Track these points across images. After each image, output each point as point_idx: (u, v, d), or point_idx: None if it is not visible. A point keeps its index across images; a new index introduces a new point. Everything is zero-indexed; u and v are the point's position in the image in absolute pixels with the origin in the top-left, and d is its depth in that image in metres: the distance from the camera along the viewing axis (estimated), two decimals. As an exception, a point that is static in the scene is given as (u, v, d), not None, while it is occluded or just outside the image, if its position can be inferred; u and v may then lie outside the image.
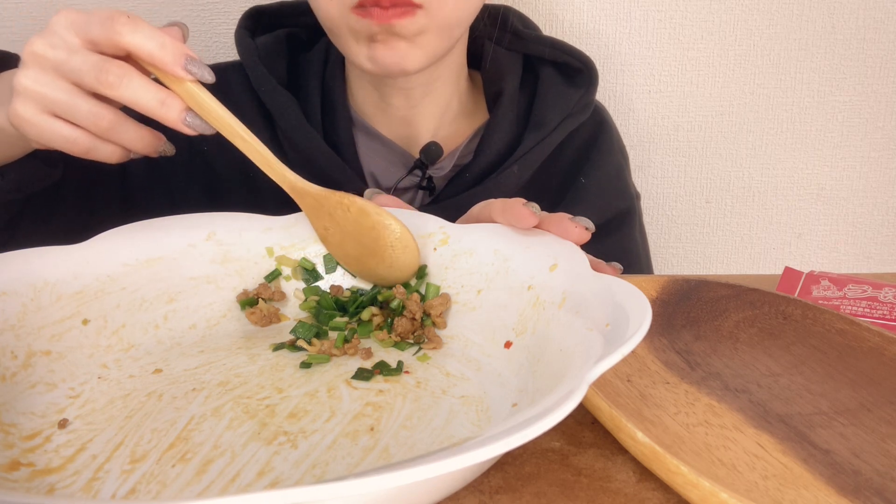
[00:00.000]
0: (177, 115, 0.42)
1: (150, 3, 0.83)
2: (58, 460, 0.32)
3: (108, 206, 0.66)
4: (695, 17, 0.87)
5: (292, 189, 0.46)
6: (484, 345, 0.41)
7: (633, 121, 0.91)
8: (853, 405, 0.36)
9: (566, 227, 0.41)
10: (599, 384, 0.35)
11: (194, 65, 0.41)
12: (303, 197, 0.46)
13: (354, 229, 0.45)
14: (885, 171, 0.94)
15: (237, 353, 0.42)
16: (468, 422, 0.35)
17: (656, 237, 0.96)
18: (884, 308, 0.49)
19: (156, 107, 0.41)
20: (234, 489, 0.30)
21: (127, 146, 0.44)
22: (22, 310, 0.39)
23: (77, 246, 0.43)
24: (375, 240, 0.45)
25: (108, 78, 0.40)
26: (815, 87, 0.90)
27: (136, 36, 0.41)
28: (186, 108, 0.42)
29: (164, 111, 0.41)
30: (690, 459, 0.31)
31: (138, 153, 0.44)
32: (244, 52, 0.67)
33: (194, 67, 0.41)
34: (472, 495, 0.31)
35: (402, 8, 0.54)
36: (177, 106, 0.42)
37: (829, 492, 0.30)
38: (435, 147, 0.65)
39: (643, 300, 0.32)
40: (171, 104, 0.41)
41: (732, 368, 0.40)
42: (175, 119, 0.42)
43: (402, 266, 0.45)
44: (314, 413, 0.36)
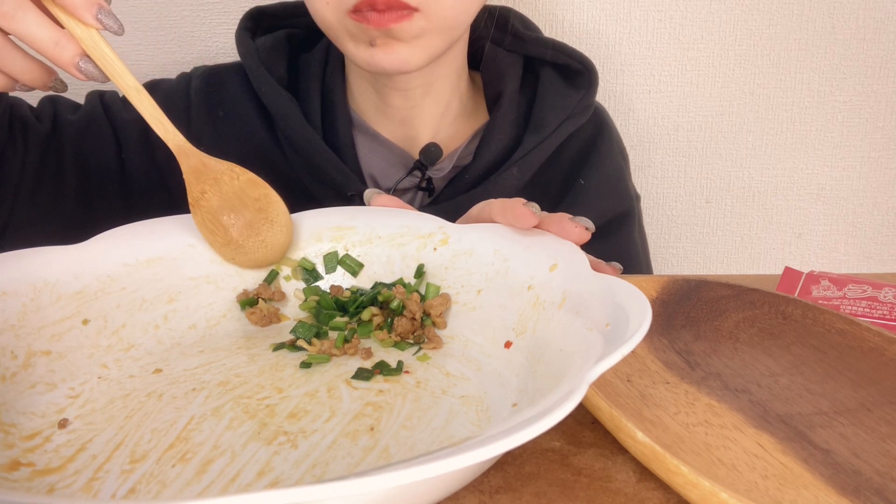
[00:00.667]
0: (70, 57, 0.41)
1: (151, 3, 0.83)
2: (58, 460, 0.32)
3: (107, 205, 0.66)
4: (695, 17, 0.87)
5: (179, 148, 0.46)
6: (484, 345, 0.41)
7: (633, 121, 0.91)
8: (853, 405, 0.36)
9: (566, 227, 0.41)
10: (599, 384, 0.35)
11: (105, 14, 0.41)
12: (188, 156, 0.46)
13: (237, 197, 0.46)
14: (885, 171, 0.94)
15: (237, 353, 0.42)
16: (468, 422, 0.35)
17: (656, 237, 0.96)
18: (884, 308, 0.49)
19: (49, 46, 0.40)
20: (234, 489, 0.30)
21: (12, 75, 0.43)
22: (22, 310, 0.39)
23: (77, 246, 0.43)
24: (258, 211, 0.46)
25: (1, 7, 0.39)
26: (815, 87, 0.90)
27: None
28: (82, 52, 0.41)
29: (58, 51, 0.40)
30: (690, 459, 0.31)
31: (26, 85, 0.43)
32: (244, 52, 0.67)
33: (105, 17, 0.41)
34: (472, 495, 0.31)
35: (399, 12, 0.54)
36: (71, 48, 0.41)
37: (829, 492, 0.30)
38: (434, 148, 0.65)
39: (643, 300, 0.32)
40: (65, 45, 0.41)
41: (732, 368, 0.40)
42: (67, 61, 0.41)
43: (274, 244, 0.46)
44: (314, 413, 0.36)
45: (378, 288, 0.46)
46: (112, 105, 0.67)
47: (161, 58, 0.85)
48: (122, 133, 0.67)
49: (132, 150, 0.66)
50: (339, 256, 0.48)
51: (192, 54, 0.85)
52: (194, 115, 0.68)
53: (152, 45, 0.85)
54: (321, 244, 0.48)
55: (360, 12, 0.54)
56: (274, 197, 0.47)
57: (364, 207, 0.49)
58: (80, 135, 0.65)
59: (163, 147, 0.67)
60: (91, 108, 0.66)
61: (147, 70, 0.85)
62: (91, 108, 0.66)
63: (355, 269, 0.47)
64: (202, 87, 0.69)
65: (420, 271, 0.45)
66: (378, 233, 0.47)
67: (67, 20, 0.41)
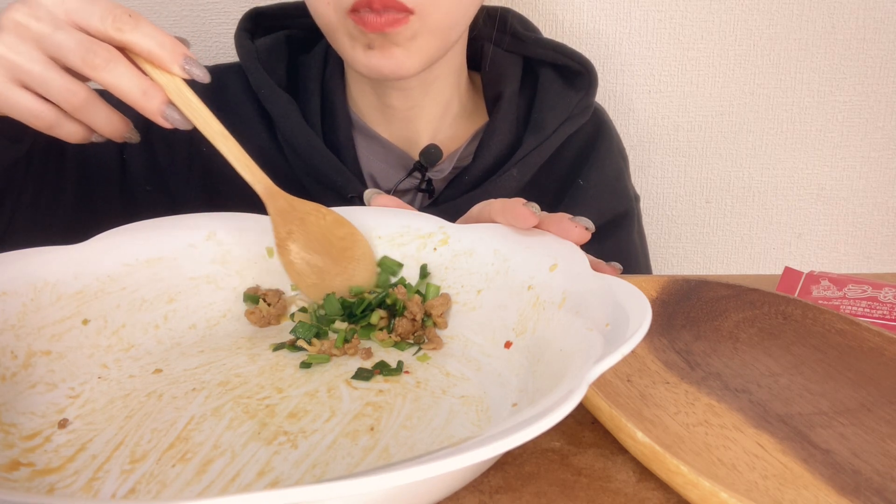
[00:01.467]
0: (157, 106, 0.42)
1: (151, 3, 0.83)
2: (58, 460, 0.32)
3: (108, 205, 0.66)
4: (695, 17, 0.87)
5: (266, 191, 0.46)
6: (484, 345, 0.41)
7: (633, 121, 0.91)
8: (853, 405, 0.36)
9: (566, 227, 0.41)
10: (599, 384, 0.35)
11: (191, 63, 0.42)
12: (276, 198, 0.46)
13: (323, 236, 0.46)
14: (885, 171, 0.94)
15: (237, 353, 0.42)
16: (468, 422, 0.35)
17: (656, 237, 0.96)
18: (884, 308, 0.49)
19: (137, 95, 0.41)
20: (234, 489, 0.30)
21: (94, 127, 0.43)
22: (22, 310, 0.39)
23: (77, 246, 0.43)
24: (343, 250, 0.46)
25: (94, 59, 0.40)
26: (815, 87, 0.90)
27: (136, 34, 0.41)
28: (167, 100, 0.42)
29: (145, 101, 0.41)
30: (690, 459, 0.31)
31: (102, 137, 0.44)
32: (244, 53, 0.67)
33: (190, 66, 0.42)
34: (472, 495, 0.31)
35: (395, 15, 0.54)
36: (158, 97, 0.42)
37: (829, 492, 0.30)
38: (434, 149, 0.65)
39: (643, 300, 0.32)
40: (152, 94, 0.42)
41: (732, 368, 0.40)
42: (154, 110, 0.42)
43: (360, 282, 0.46)
44: (314, 413, 0.36)
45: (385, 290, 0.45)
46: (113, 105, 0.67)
47: (161, 58, 0.85)
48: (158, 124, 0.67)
49: (134, 150, 0.66)
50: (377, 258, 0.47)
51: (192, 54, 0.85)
52: None
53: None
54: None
55: (358, 12, 0.54)
56: (359, 236, 0.47)
57: (364, 207, 0.49)
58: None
59: (164, 147, 0.67)
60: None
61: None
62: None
63: (395, 269, 0.47)
64: (203, 89, 0.69)
65: (424, 272, 0.45)
66: (378, 233, 0.47)
67: (152, 70, 0.42)
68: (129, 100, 0.41)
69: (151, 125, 0.68)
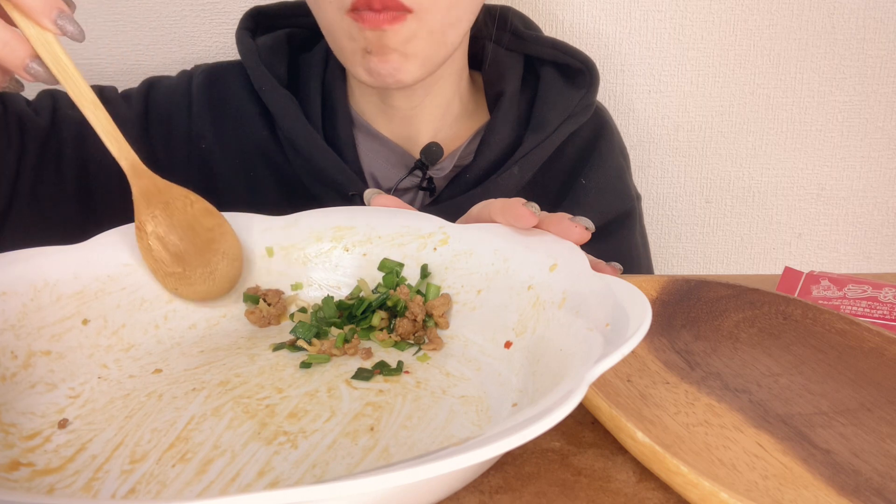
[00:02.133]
0: (20, 59, 0.39)
1: (151, 3, 0.83)
2: (58, 460, 0.32)
3: (108, 205, 0.66)
4: (695, 17, 0.87)
5: (132, 167, 0.43)
6: (484, 345, 0.41)
7: (633, 121, 0.91)
8: (853, 405, 0.36)
9: (566, 227, 0.41)
10: (599, 384, 0.35)
11: (65, 19, 0.39)
12: (140, 177, 0.44)
13: (188, 225, 0.44)
14: (885, 171, 0.94)
15: (237, 353, 0.42)
16: (468, 422, 0.35)
17: (656, 237, 0.96)
18: (884, 308, 0.49)
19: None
20: (234, 489, 0.30)
21: None
22: (22, 310, 0.39)
23: (77, 246, 0.43)
24: (209, 241, 0.44)
25: None
26: (815, 87, 0.90)
27: None
28: (33, 54, 0.39)
29: (6, 52, 0.39)
30: (690, 459, 0.31)
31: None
32: (245, 52, 0.67)
33: (65, 21, 0.39)
34: (472, 495, 0.31)
35: (393, 13, 0.54)
36: (22, 50, 0.39)
37: (829, 492, 0.30)
38: (436, 148, 0.65)
39: (643, 300, 0.32)
40: (15, 46, 0.39)
41: (732, 368, 0.40)
42: (17, 63, 0.39)
43: (221, 278, 0.45)
44: (314, 413, 0.36)
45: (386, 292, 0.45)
46: (112, 100, 0.67)
47: (161, 58, 0.85)
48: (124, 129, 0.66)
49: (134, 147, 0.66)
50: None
51: (192, 54, 0.85)
52: (196, 113, 0.68)
53: (152, 45, 0.85)
54: (321, 244, 0.48)
55: (358, 11, 0.54)
56: (228, 229, 0.45)
57: (364, 207, 0.49)
58: (81, 131, 0.64)
59: (164, 145, 0.67)
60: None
61: (147, 70, 0.85)
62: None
63: (396, 269, 0.46)
64: (204, 85, 0.69)
65: (425, 272, 0.45)
66: (378, 233, 0.47)
67: (22, 21, 0.39)
68: None
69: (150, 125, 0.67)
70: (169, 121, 0.67)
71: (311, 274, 0.48)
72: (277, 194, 0.67)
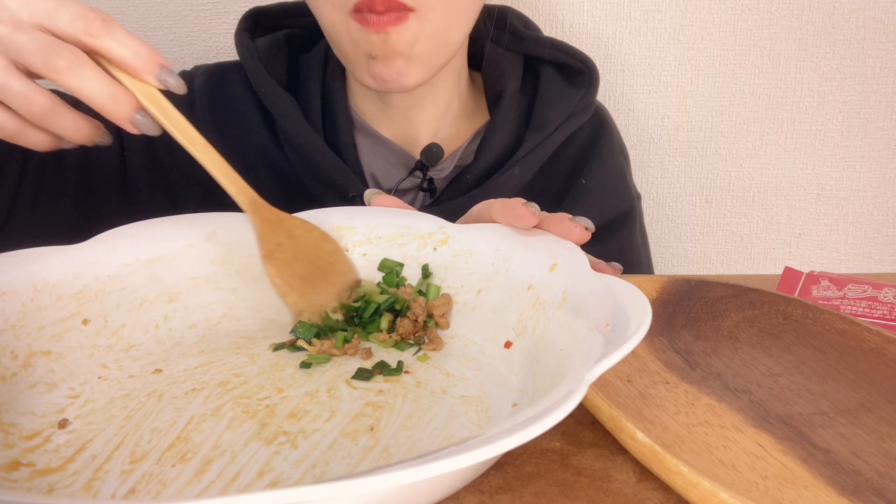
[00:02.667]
0: (126, 113, 0.40)
1: (151, 3, 0.83)
2: (58, 460, 0.32)
3: (108, 205, 0.66)
4: (695, 17, 0.87)
5: (252, 203, 0.44)
6: (484, 345, 0.41)
7: (633, 121, 0.91)
8: (853, 405, 0.36)
9: (566, 227, 0.41)
10: (599, 384, 0.35)
11: (167, 73, 0.40)
12: (261, 210, 0.45)
13: (311, 251, 0.45)
14: (885, 171, 0.94)
15: (237, 353, 0.42)
16: (468, 422, 0.35)
17: (656, 237, 0.96)
18: (884, 308, 0.49)
19: (105, 101, 0.39)
20: (234, 489, 0.30)
21: (60, 134, 0.41)
22: (22, 310, 0.39)
23: (77, 246, 0.43)
24: (331, 264, 0.45)
25: (57, 62, 0.38)
26: (815, 87, 0.90)
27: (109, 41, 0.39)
28: (137, 106, 0.40)
29: (113, 107, 0.39)
30: (690, 459, 0.31)
31: (71, 143, 0.42)
32: (244, 53, 0.67)
33: (166, 76, 0.40)
34: (472, 495, 0.31)
35: (397, 13, 0.54)
36: (127, 103, 0.40)
37: (829, 492, 0.30)
38: (436, 149, 0.65)
39: (643, 300, 0.32)
40: (121, 100, 0.39)
41: (732, 368, 0.40)
42: (123, 117, 0.40)
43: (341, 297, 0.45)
44: (314, 413, 0.36)
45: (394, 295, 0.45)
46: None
47: (161, 58, 0.85)
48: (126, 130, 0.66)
49: (135, 147, 0.66)
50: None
51: (193, 54, 0.85)
52: (198, 114, 0.67)
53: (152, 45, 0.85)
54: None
55: (361, 12, 0.54)
56: (342, 252, 0.47)
57: (364, 207, 0.49)
58: None
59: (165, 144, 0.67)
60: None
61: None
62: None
63: (396, 269, 0.46)
64: (206, 87, 0.68)
65: (426, 272, 0.45)
66: (378, 233, 0.47)
67: (122, 75, 0.40)
68: (96, 105, 0.39)
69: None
70: None
71: (311, 274, 0.48)
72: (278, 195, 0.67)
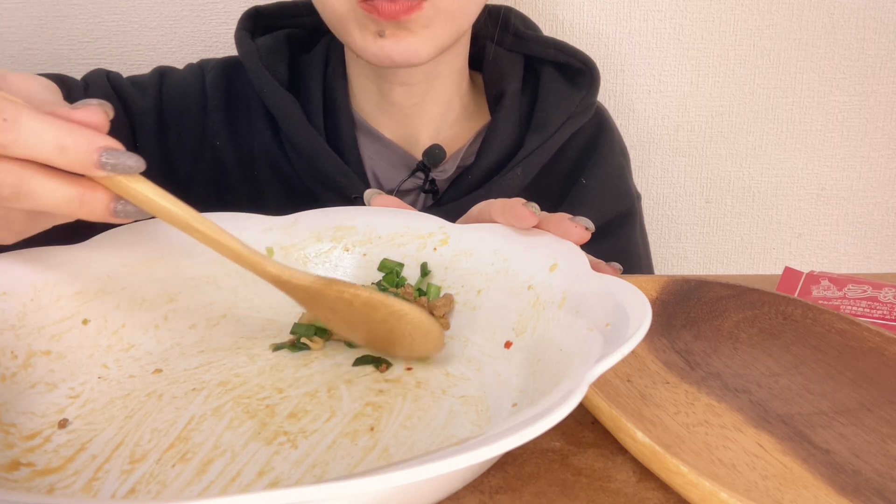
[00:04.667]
0: (103, 210, 0.34)
1: (151, 3, 0.83)
2: (58, 460, 0.32)
3: None
4: (695, 17, 0.87)
5: (277, 282, 0.38)
6: (484, 345, 0.41)
7: (633, 121, 0.91)
8: (853, 405, 0.36)
9: (566, 227, 0.41)
10: (599, 384, 0.35)
11: (113, 156, 0.32)
12: (293, 291, 0.39)
13: (362, 321, 0.39)
14: (885, 171, 0.94)
15: (237, 353, 0.42)
16: (468, 422, 0.35)
17: (656, 237, 0.96)
18: (884, 308, 0.49)
19: (76, 208, 0.33)
20: (234, 489, 0.30)
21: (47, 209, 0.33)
22: (22, 310, 0.39)
23: (77, 246, 0.43)
24: (390, 331, 0.39)
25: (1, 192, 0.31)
26: (815, 87, 0.90)
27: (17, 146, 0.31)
28: (113, 197, 0.34)
29: (87, 210, 0.33)
30: (690, 459, 0.31)
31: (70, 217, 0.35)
32: (244, 53, 0.67)
33: (112, 159, 0.32)
34: (472, 495, 0.31)
35: (409, 2, 0.54)
36: (100, 200, 0.34)
37: (829, 492, 0.30)
38: (438, 150, 0.65)
39: (643, 300, 0.32)
40: (91, 199, 0.33)
41: (732, 368, 0.40)
42: (102, 214, 0.34)
43: (425, 349, 0.40)
44: (314, 413, 0.36)
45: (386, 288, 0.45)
46: (123, 89, 0.65)
47: (161, 58, 0.85)
48: (138, 120, 0.65)
49: (147, 139, 0.65)
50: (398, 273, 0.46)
51: (193, 54, 0.85)
52: (211, 110, 0.67)
53: (152, 45, 0.85)
54: (321, 244, 0.48)
55: (370, 2, 0.54)
56: (400, 310, 0.38)
57: (364, 207, 0.49)
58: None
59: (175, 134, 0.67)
60: (103, 93, 0.64)
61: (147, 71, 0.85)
62: (103, 93, 0.64)
63: (396, 269, 0.46)
64: (218, 81, 0.68)
65: (425, 270, 0.45)
66: (378, 233, 0.47)
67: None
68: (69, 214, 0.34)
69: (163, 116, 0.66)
70: (183, 115, 0.67)
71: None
72: (279, 195, 0.67)
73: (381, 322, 0.38)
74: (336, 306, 0.39)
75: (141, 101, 0.65)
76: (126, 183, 0.33)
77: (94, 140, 0.32)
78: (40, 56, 0.84)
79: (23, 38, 0.83)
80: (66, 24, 0.83)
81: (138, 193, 0.34)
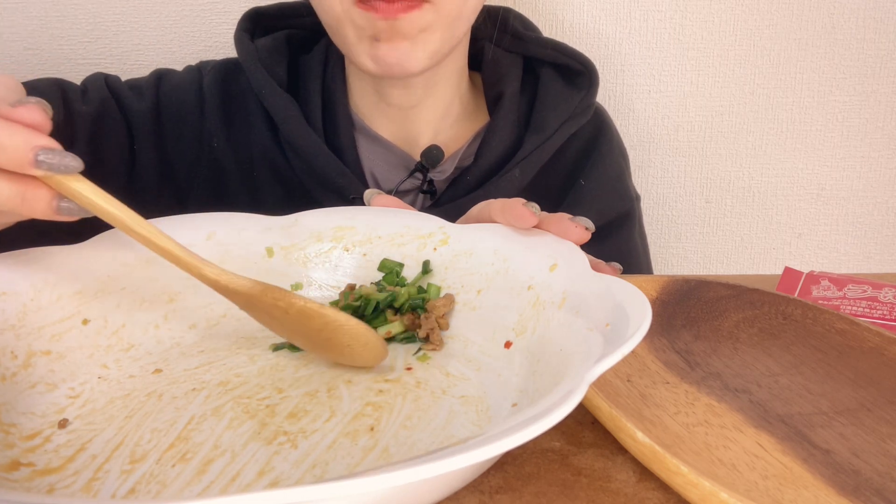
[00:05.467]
0: (45, 207, 0.34)
1: (151, 3, 0.83)
2: (58, 460, 0.32)
3: None
4: (695, 17, 0.87)
5: (215, 286, 0.39)
6: (484, 345, 0.41)
7: (633, 121, 0.91)
8: (853, 405, 0.36)
9: (566, 227, 0.41)
10: (599, 384, 0.35)
11: (50, 155, 0.33)
12: (231, 296, 0.39)
13: (299, 329, 0.39)
14: (885, 171, 0.94)
15: (237, 353, 0.42)
16: (468, 422, 0.35)
17: (656, 237, 0.96)
18: (884, 308, 0.49)
19: (19, 205, 0.34)
20: (234, 489, 0.30)
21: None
22: (22, 310, 0.39)
23: (77, 246, 0.43)
24: (327, 340, 0.39)
25: None
26: (815, 87, 0.90)
27: None
28: (55, 195, 0.34)
29: (29, 207, 0.34)
30: (690, 459, 0.31)
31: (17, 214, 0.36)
32: (244, 54, 0.66)
33: (50, 158, 0.33)
34: (472, 495, 0.31)
35: (409, 1, 0.53)
36: (43, 198, 0.34)
37: (829, 492, 0.30)
38: (436, 150, 0.65)
39: (643, 300, 0.32)
40: (34, 196, 0.34)
41: (732, 368, 0.40)
42: (45, 211, 0.34)
43: (364, 360, 0.39)
44: (314, 413, 0.36)
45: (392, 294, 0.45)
46: (121, 93, 0.65)
47: (161, 58, 0.85)
48: (136, 123, 0.65)
49: (145, 141, 0.65)
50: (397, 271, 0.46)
51: (193, 54, 0.85)
52: (209, 111, 0.67)
53: (152, 45, 0.85)
54: (321, 244, 0.48)
55: (368, 1, 0.54)
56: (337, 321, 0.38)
57: (364, 207, 0.49)
58: (94, 127, 0.62)
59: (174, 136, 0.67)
60: (101, 96, 0.64)
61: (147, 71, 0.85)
62: (101, 96, 0.64)
63: (396, 269, 0.46)
64: (217, 83, 0.68)
65: (426, 268, 0.45)
66: (378, 233, 0.47)
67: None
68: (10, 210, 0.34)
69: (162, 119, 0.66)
70: (181, 117, 0.67)
71: (311, 274, 0.48)
72: (278, 196, 0.67)
73: (317, 331, 0.39)
74: (273, 312, 0.39)
75: (139, 104, 0.65)
76: (65, 182, 0.34)
77: (31, 139, 0.32)
78: (40, 56, 0.84)
79: (23, 38, 0.83)
80: (66, 24, 0.83)
81: (77, 193, 0.34)
